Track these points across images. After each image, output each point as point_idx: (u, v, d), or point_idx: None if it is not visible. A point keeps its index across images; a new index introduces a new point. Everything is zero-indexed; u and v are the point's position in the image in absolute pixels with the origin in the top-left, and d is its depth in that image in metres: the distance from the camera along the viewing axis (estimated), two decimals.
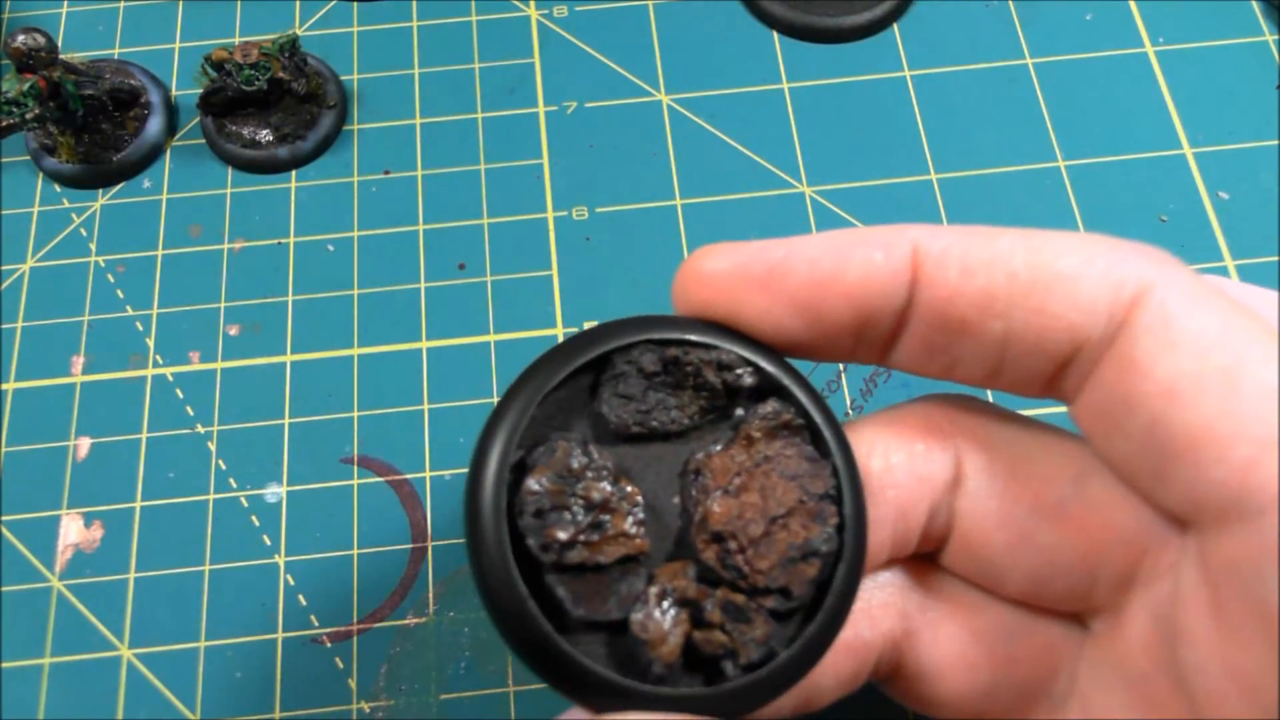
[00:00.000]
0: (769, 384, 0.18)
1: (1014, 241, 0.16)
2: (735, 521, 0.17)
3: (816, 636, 0.17)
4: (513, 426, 0.17)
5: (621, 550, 0.17)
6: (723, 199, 0.36)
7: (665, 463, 0.18)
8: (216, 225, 0.36)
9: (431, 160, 0.37)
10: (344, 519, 0.31)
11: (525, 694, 0.29)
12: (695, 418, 0.18)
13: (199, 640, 0.30)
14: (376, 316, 0.34)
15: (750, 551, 0.17)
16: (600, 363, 0.18)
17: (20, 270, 0.35)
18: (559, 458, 0.17)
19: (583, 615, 0.17)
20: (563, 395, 0.18)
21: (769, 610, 0.17)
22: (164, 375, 0.34)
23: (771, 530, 0.17)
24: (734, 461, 0.18)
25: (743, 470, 0.18)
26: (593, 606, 0.17)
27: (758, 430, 0.18)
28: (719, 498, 0.18)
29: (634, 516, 0.17)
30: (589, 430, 0.18)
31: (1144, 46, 0.38)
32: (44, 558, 0.31)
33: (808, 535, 0.17)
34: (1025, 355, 0.17)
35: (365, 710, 0.29)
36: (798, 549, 0.17)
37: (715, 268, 0.18)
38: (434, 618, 0.30)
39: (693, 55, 0.38)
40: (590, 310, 0.34)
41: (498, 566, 0.16)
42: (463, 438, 0.32)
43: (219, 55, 0.36)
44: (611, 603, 0.17)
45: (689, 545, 0.18)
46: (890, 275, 0.17)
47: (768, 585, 0.17)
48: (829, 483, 0.18)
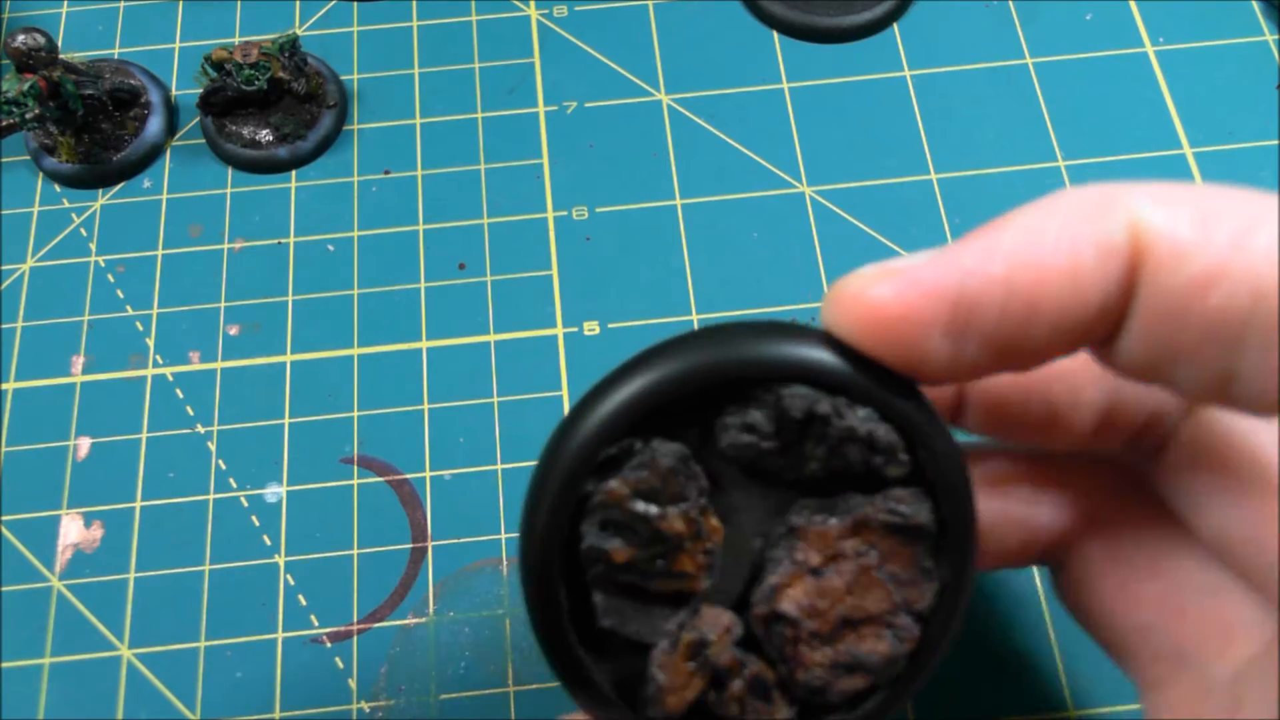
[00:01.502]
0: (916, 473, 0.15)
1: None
2: (806, 609, 0.15)
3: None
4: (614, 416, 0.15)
5: (674, 587, 0.16)
6: (723, 199, 0.36)
7: (767, 503, 0.16)
8: (216, 225, 0.36)
9: (431, 160, 0.37)
10: (344, 519, 0.31)
11: (525, 694, 0.29)
12: (821, 474, 0.16)
13: (199, 640, 0.30)
14: (376, 316, 0.34)
15: (806, 647, 0.15)
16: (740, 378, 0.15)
17: (20, 270, 0.35)
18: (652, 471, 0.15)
19: (610, 627, 0.16)
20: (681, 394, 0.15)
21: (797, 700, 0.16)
22: (164, 375, 0.34)
23: (839, 632, 0.15)
24: (837, 542, 0.16)
25: (843, 556, 0.15)
26: (623, 622, 0.16)
27: (880, 519, 0.15)
28: (802, 576, 0.15)
29: (702, 559, 0.16)
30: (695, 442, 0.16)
31: (1144, 46, 0.38)
32: (44, 558, 0.31)
33: (873, 650, 0.15)
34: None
35: (365, 710, 0.29)
36: (856, 658, 0.15)
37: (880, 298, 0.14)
38: (434, 618, 0.30)
39: (693, 55, 0.38)
40: (590, 310, 0.34)
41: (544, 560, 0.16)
42: (463, 437, 0.32)
43: (219, 55, 0.36)
44: (644, 626, 0.16)
45: (749, 604, 0.16)
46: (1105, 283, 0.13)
47: (806, 681, 0.16)
48: (927, 602, 0.16)
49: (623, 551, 0.15)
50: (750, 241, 0.35)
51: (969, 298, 0.13)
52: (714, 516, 0.16)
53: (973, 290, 0.13)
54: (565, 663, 0.16)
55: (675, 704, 0.15)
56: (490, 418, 0.33)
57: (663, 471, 0.15)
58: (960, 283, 0.13)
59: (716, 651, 0.15)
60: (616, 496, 0.15)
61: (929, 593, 0.15)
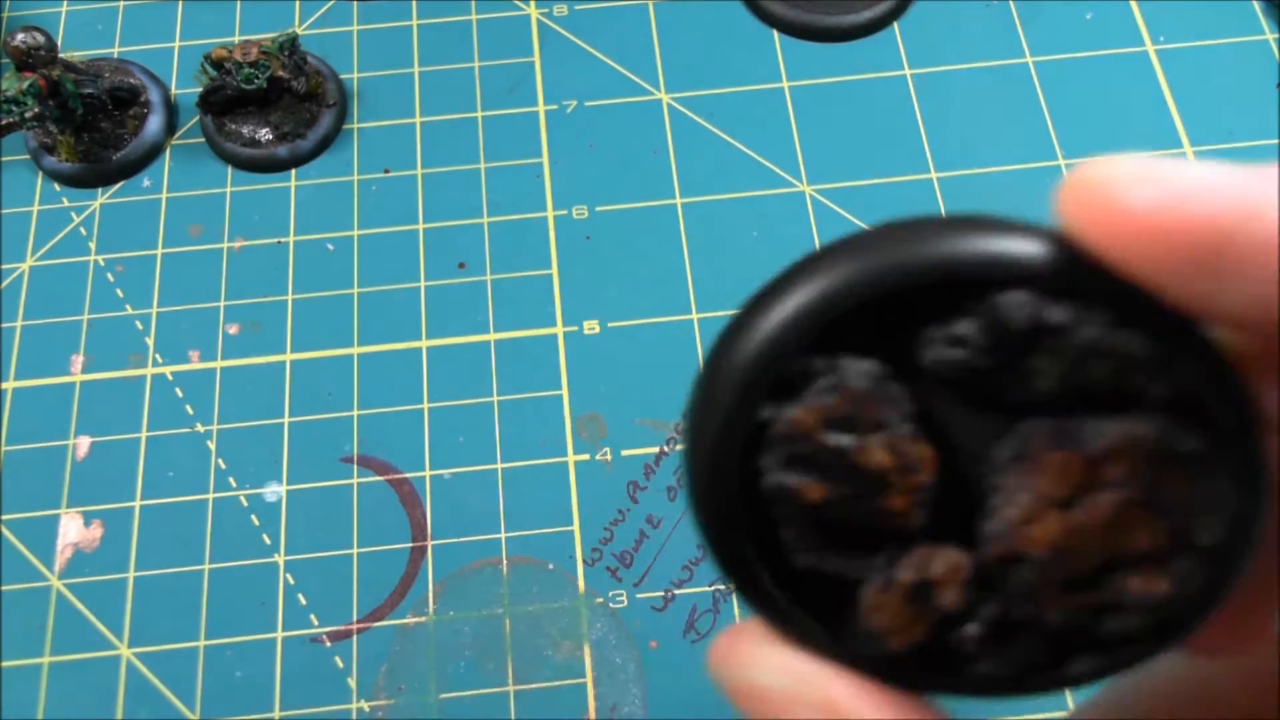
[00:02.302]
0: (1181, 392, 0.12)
1: None
2: (1057, 548, 0.12)
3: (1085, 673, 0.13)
4: (790, 326, 0.13)
5: (883, 525, 0.13)
6: (723, 198, 0.36)
7: (985, 428, 0.13)
8: (216, 224, 0.36)
9: (431, 159, 0.37)
10: (344, 518, 0.31)
11: (525, 693, 0.29)
12: (1052, 391, 0.12)
13: (198, 639, 0.30)
14: (376, 315, 0.34)
15: (1059, 592, 0.13)
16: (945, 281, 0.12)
17: (20, 269, 0.35)
18: (842, 394, 0.12)
19: (806, 565, 0.13)
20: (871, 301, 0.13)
21: (1045, 640, 0.13)
22: (163, 374, 0.34)
23: (1102, 576, 0.12)
24: (1090, 470, 0.12)
25: (1097, 485, 0.12)
26: (823, 560, 0.13)
27: (1130, 442, 0.12)
28: (1047, 510, 0.12)
29: (916, 497, 0.13)
30: (891, 357, 0.13)
31: (1144, 45, 0.38)
32: (43, 557, 0.31)
33: (1148, 590, 0.12)
34: None
35: (365, 709, 0.29)
36: (1128, 599, 0.12)
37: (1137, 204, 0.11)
38: (434, 617, 0.30)
39: (693, 54, 0.38)
40: (590, 309, 0.34)
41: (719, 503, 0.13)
42: (463, 436, 0.32)
43: (218, 54, 0.36)
44: (848, 561, 0.13)
45: (976, 539, 0.13)
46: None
47: (1059, 622, 0.13)
48: (1215, 535, 0.12)
49: (815, 488, 0.13)
50: (750, 241, 0.35)
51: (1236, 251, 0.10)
52: (924, 444, 0.13)
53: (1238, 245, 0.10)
54: (761, 602, 0.13)
55: (899, 644, 0.13)
56: (490, 417, 0.33)
57: (856, 395, 0.12)
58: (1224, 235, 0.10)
59: (943, 594, 0.13)
60: (803, 427, 0.12)
61: (1213, 525, 0.12)
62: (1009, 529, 0.12)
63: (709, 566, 0.30)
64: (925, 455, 0.13)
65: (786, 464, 0.13)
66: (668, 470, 0.32)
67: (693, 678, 0.29)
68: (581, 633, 0.30)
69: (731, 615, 0.30)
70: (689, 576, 0.30)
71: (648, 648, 0.30)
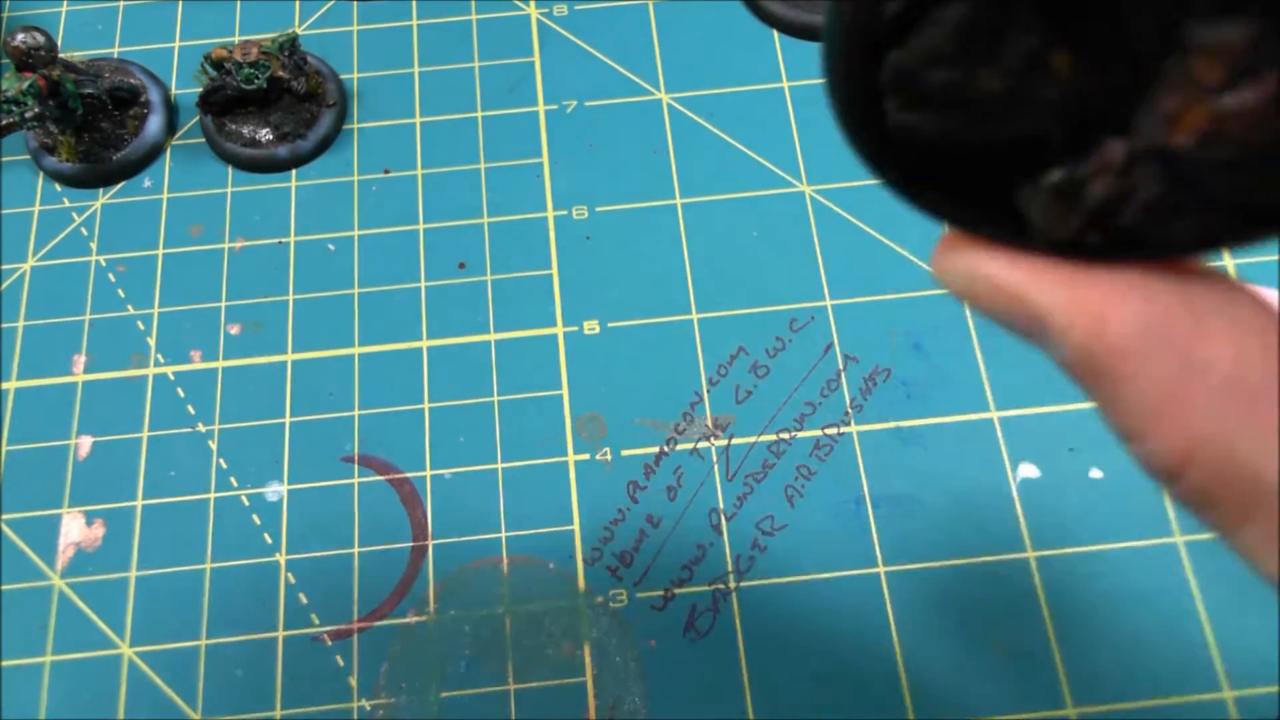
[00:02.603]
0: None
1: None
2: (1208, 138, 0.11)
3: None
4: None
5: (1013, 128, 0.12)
6: (722, 198, 0.36)
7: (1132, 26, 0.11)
8: (217, 224, 0.36)
9: (431, 159, 0.37)
10: (345, 518, 0.31)
11: (525, 693, 0.29)
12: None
13: (200, 639, 0.30)
14: (377, 316, 0.34)
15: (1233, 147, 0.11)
16: None
17: (21, 270, 0.35)
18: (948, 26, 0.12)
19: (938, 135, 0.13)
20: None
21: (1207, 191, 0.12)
22: (165, 374, 0.34)
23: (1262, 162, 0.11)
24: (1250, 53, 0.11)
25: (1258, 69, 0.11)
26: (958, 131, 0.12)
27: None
28: (1203, 100, 0.11)
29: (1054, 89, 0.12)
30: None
31: None
32: (45, 556, 0.31)
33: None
34: None
35: (366, 708, 0.29)
36: None
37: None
38: (434, 616, 0.30)
39: (692, 54, 0.38)
40: (590, 309, 0.34)
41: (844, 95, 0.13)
42: (463, 436, 0.32)
43: (219, 54, 0.36)
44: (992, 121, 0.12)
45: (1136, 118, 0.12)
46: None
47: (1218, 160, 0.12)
48: None
49: (933, 123, 0.12)
50: (750, 241, 0.35)
51: None
52: (1059, 56, 0.12)
53: None
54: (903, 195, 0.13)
55: (1061, 234, 0.13)
56: (490, 417, 0.33)
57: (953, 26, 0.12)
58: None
59: (1101, 191, 0.12)
60: (935, 42, 0.12)
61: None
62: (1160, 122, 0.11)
63: (709, 565, 0.31)
64: (1062, 65, 0.12)
65: (906, 104, 0.12)
66: (668, 470, 0.32)
67: (693, 677, 0.29)
68: (581, 632, 0.30)
69: (731, 615, 0.30)
70: (689, 576, 0.30)
71: (648, 647, 0.30)
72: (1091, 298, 0.13)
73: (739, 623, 0.30)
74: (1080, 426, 0.32)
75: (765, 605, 0.30)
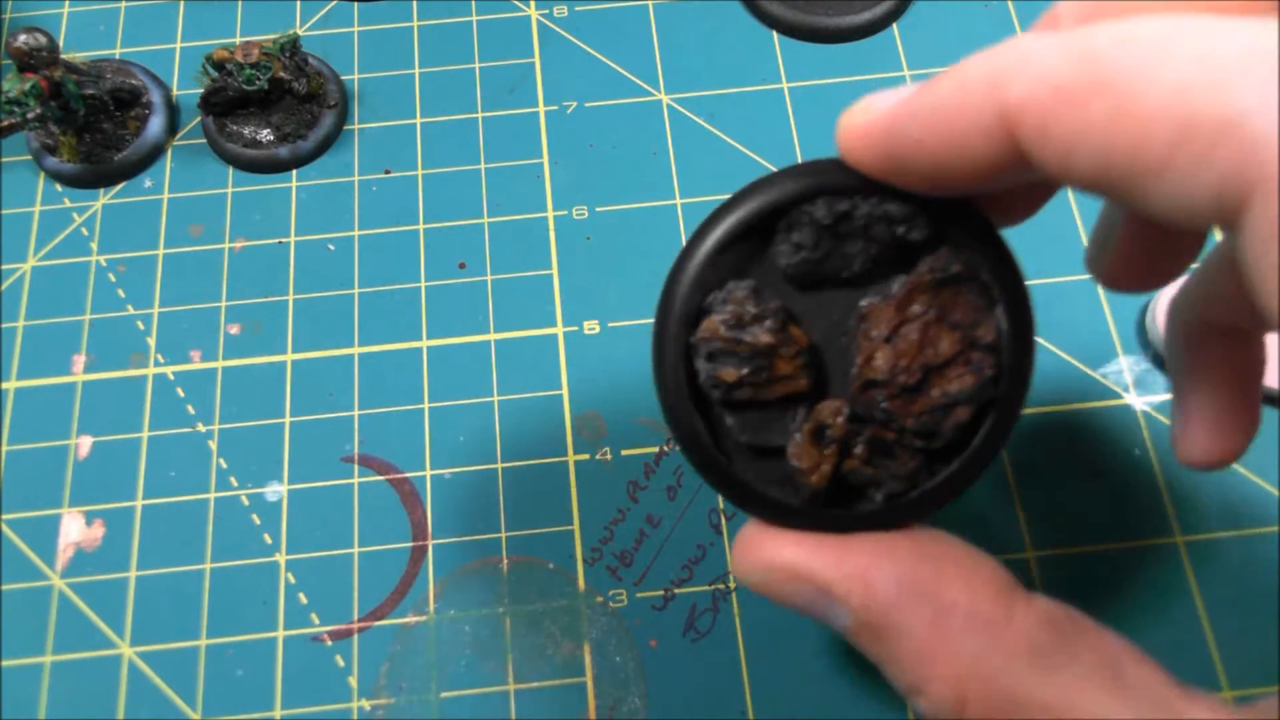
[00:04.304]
0: (941, 236, 0.18)
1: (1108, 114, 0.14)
2: (891, 368, 0.18)
3: (957, 474, 0.18)
4: (691, 275, 0.19)
5: (783, 390, 0.19)
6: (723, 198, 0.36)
7: (837, 309, 0.19)
8: (217, 224, 0.36)
9: (432, 160, 0.37)
10: (344, 517, 0.31)
11: (525, 692, 0.29)
12: (867, 265, 0.19)
13: (200, 638, 0.30)
14: (377, 315, 0.34)
15: (902, 400, 0.18)
16: (775, 213, 0.19)
17: (21, 270, 0.35)
18: (733, 305, 0.19)
19: (747, 441, 0.19)
20: (737, 244, 0.19)
21: (917, 449, 0.18)
22: (165, 374, 0.34)
23: (927, 380, 0.18)
24: (900, 311, 0.18)
25: (908, 319, 0.18)
26: (756, 435, 0.19)
27: (927, 280, 0.18)
28: (881, 346, 0.18)
29: (797, 361, 0.19)
30: (764, 275, 0.19)
31: None
32: (45, 556, 0.31)
33: (961, 386, 0.18)
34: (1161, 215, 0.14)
35: (366, 708, 0.29)
36: (950, 397, 0.18)
37: (851, 123, 0.17)
38: (434, 616, 0.30)
39: (693, 55, 0.38)
40: (590, 309, 0.34)
41: (677, 399, 0.19)
42: (463, 436, 0.32)
43: (220, 55, 0.36)
44: (773, 432, 0.19)
45: (846, 389, 0.19)
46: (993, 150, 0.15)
47: (916, 428, 0.18)
48: (993, 332, 0.18)
49: (731, 371, 0.18)
50: None
51: (899, 138, 0.17)
52: (795, 327, 0.19)
53: (898, 142, 0.17)
54: (724, 479, 0.19)
55: (820, 479, 0.18)
56: (490, 416, 0.33)
57: (740, 301, 0.18)
58: (893, 134, 0.17)
59: (834, 428, 0.18)
60: (711, 330, 0.18)
61: (992, 325, 0.18)
62: (859, 367, 0.18)
63: (709, 565, 0.31)
64: (798, 333, 0.19)
65: (709, 359, 0.19)
66: (668, 470, 0.32)
67: (693, 677, 0.29)
68: (581, 632, 0.30)
69: (731, 615, 0.30)
70: (689, 576, 0.30)
71: (648, 647, 0.30)
72: (858, 564, 0.17)
73: (739, 623, 0.30)
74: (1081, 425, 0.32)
75: (765, 605, 0.30)
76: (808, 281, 0.19)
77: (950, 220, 0.18)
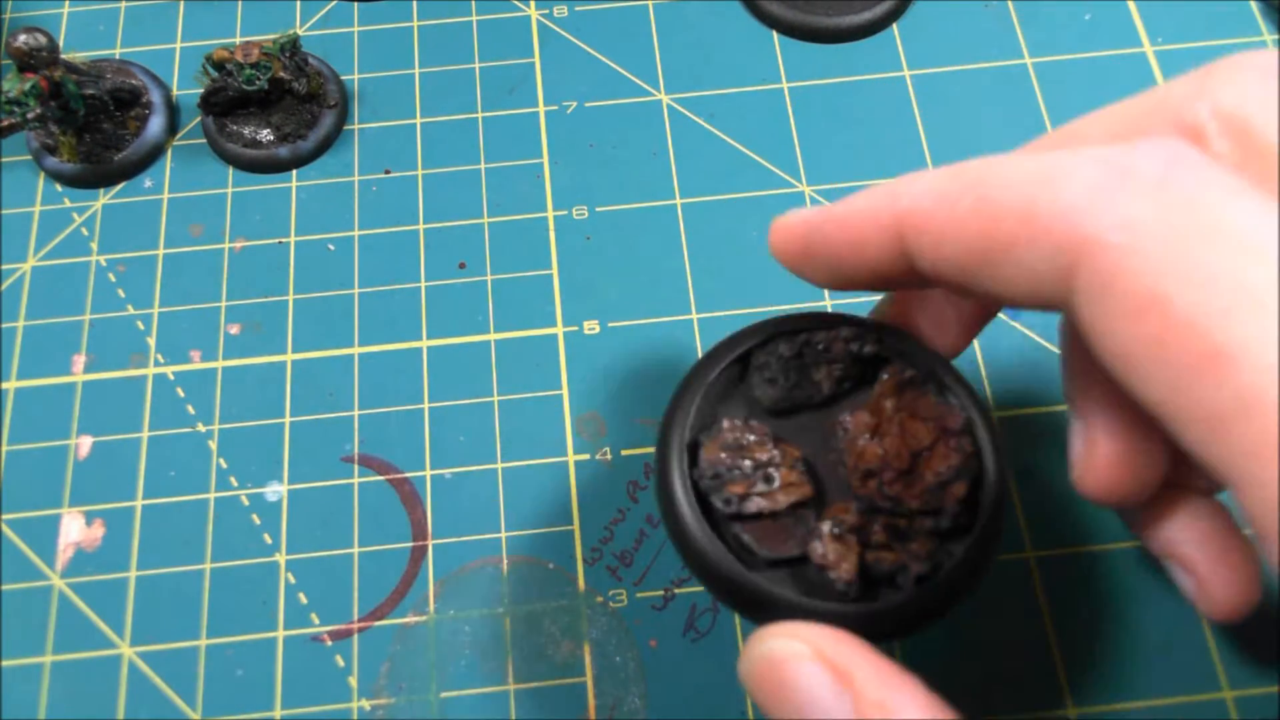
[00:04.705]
0: (888, 350, 0.22)
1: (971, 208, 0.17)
2: (882, 457, 0.20)
3: (976, 547, 0.20)
4: (685, 416, 0.21)
5: (792, 496, 0.20)
6: (722, 198, 0.36)
7: (815, 429, 0.22)
8: (217, 224, 0.36)
9: (432, 160, 0.37)
10: (344, 517, 0.31)
11: (525, 692, 0.29)
12: (833, 388, 0.22)
13: (200, 638, 0.30)
14: (377, 315, 0.34)
15: (901, 482, 0.20)
16: (746, 358, 0.22)
17: (21, 270, 0.35)
18: (726, 432, 0.21)
19: (768, 554, 0.20)
20: (719, 389, 0.22)
21: (929, 531, 0.20)
22: (165, 374, 0.34)
23: (917, 463, 0.20)
24: (873, 415, 0.21)
25: (883, 420, 0.21)
26: (775, 546, 0.20)
27: (888, 387, 0.21)
28: (866, 443, 0.21)
29: (797, 469, 0.21)
30: (745, 410, 0.22)
31: (1143, 46, 0.38)
32: (45, 556, 0.31)
33: (949, 464, 0.20)
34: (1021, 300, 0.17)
35: (366, 708, 0.29)
36: (943, 473, 0.20)
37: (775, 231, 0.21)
38: (434, 616, 0.30)
39: (693, 55, 0.39)
40: (590, 309, 0.34)
41: (691, 526, 0.20)
42: (463, 436, 0.32)
43: (220, 55, 0.36)
44: (791, 542, 0.20)
45: (848, 488, 0.21)
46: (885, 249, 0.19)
47: (922, 508, 0.20)
48: (960, 418, 0.21)
49: (738, 484, 0.20)
50: (750, 241, 0.35)
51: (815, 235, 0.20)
52: (787, 445, 0.21)
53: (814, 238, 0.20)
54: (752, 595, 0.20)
55: (848, 571, 0.19)
56: (490, 416, 0.33)
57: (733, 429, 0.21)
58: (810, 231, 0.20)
59: (849, 519, 0.20)
60: (712, 454, 0.21)
61: (956, 412, 0.21)
62: (856, 465, 0.21)
63: None
64: (792, 449, 0.21)
65: (714, 479, 0.21)
66: None
67: (693, 677, 0.29)
68: (581, 632, 0.30)
69: (731, 615, 0.30)
70: (689, 576, 0.30)
71: (648, 647, 0.30)
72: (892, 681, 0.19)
73: (739, 623, 0.30)
74: None
75: None
76: (785, 409, 0.22)
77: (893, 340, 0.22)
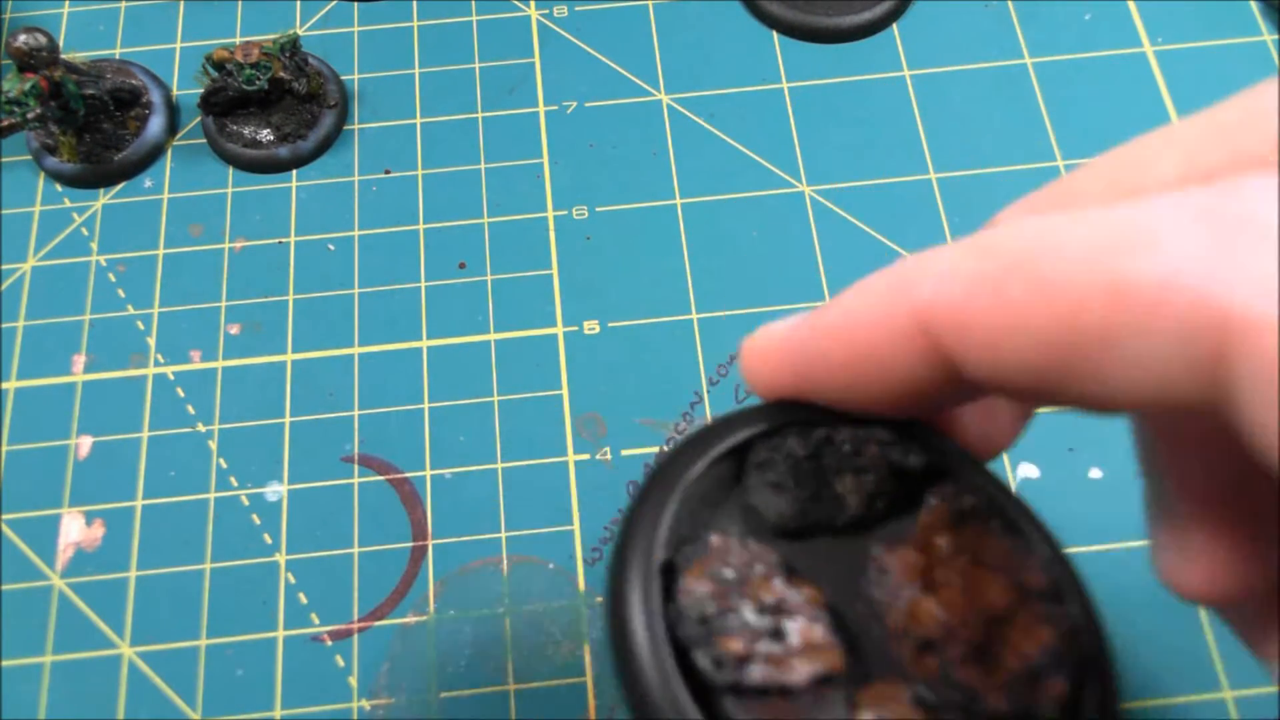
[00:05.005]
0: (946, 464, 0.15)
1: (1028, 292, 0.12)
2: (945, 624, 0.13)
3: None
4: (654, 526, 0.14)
5: (816, 665, 0.13)
6: (722, 198, 0.36)
7: (837, 562, 0.15)
8: (217, 224, 0.36)
9: (432, 160, 0.37)
10: (344, 517, 0.31)
11: (525, 693, 0.29)
12: (862, 506, 0.15)
13: (200, 638, 0.30)
14: (377, 315, 0.34)
15: (976, 665, 0.13)
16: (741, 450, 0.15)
17: (21, 270, 0.35)
18: (715, 554, 0.14)
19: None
20: (703, 490, 0.15)
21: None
22: (165, 374, 0.34)
23: (993, 634, 0.13)
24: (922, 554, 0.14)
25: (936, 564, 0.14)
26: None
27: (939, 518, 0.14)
28: (917, 597, 0.14)
29: (821, 622, 0.13)
30: (741, 526, 0.15)
31: (1143, 46, 0.38)
32: (45, 556, 0.31)
33: (1040, 642, 0.13)
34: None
35: (366, 708, 0.29)
36: (1033, 661, 0.13)
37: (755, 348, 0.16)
38: (434, 616, 0.30)
39: (693, 55, 0.38)
40: (590, 309, 0.34)
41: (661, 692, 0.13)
42: (463, 436, 0.32)
43: (220, 55, 0.36)
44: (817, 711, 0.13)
45: (892, 660, 0.14)
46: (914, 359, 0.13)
47: (1011, 709, 0.13)
48: (1042, 576, 0.14)
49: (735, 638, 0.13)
50: (750, 241, 0.35)
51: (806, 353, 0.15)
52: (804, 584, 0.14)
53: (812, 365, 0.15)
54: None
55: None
56: (490, 416, 0.33)
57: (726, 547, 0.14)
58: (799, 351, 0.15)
59: (905, 717, 0.13)
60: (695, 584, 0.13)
61: (1035, 563, 0.14)
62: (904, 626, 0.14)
63: None
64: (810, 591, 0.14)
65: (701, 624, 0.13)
66: None
67: None
68: (581, 632, 0.30)
69: None
70: None
71: None
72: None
73: None
74: (1080, 426, 0.32)
75: None
76: (797, 530, 0.15)
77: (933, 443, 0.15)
